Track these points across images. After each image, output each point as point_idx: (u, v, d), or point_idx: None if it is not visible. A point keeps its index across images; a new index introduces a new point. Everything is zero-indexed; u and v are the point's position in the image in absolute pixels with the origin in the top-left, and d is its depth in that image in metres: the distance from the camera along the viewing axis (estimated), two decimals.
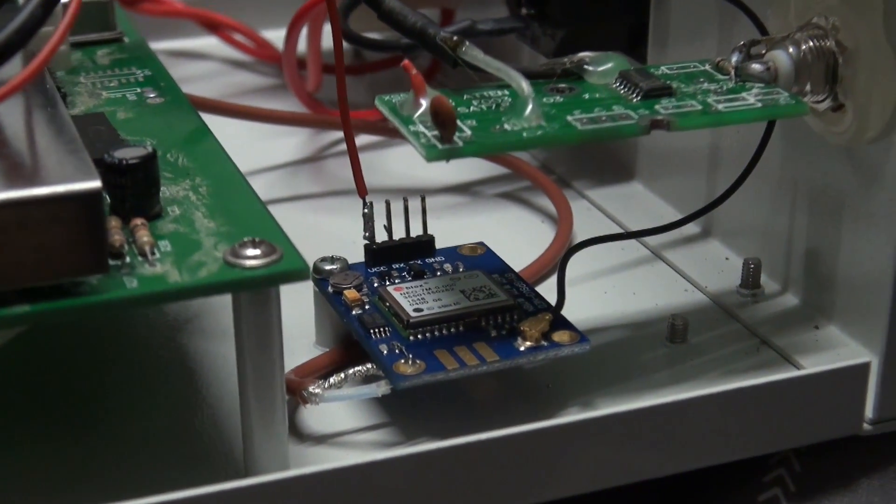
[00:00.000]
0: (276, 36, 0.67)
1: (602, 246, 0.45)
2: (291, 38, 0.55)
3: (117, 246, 0.35)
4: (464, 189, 0.54)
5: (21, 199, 0.32)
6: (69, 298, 0.33)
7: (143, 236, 0.35)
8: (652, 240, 0.49)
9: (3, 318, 0.32)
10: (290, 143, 0.58)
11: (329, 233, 0.50)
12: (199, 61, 0.67)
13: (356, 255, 0.44)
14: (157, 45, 0.49)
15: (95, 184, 0.32)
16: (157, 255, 0.35)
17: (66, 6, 0.34)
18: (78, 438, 0.39)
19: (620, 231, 0.50)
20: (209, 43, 0.68)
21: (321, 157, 0.58)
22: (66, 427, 0.40)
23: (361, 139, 0.57)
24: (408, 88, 0.61)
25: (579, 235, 0.50)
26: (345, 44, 0.61)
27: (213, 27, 0.67)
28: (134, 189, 0.37)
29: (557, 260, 0.47)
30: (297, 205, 0.53)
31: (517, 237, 0.50)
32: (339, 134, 0.59)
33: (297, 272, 0.35)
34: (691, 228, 0.49)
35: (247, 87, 0.65)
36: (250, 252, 0.35)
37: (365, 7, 0.55)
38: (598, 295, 0.46)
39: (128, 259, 0.35)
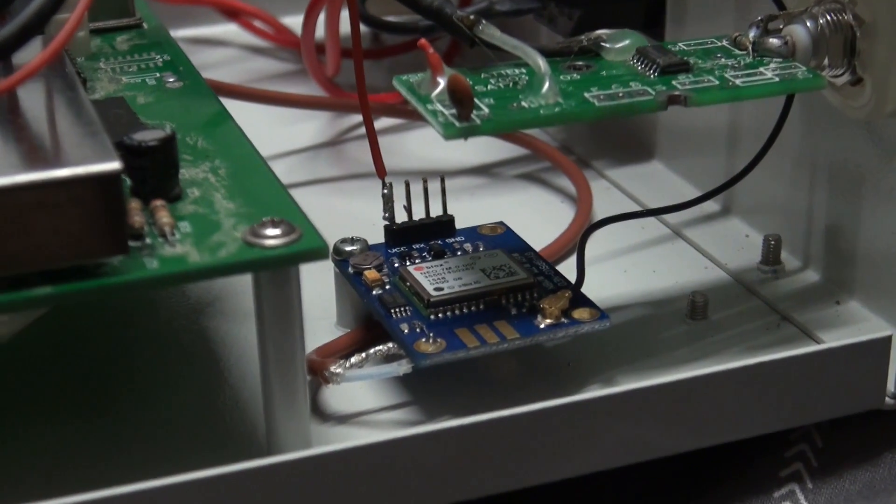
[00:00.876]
0: (295, 22, 0.67)
1: (621, 224, 0.45)
2: (309, 22, 0.55)
3: (137, 227, 0.35)
4: (483, 170, 0.55)
5: (42, 181, 0.32)
6: (90, 279, 0.33)
7: (163, 217, 0.36)
8: (672, 218, 0.49)
9: (25, 300, 0.33)
10: (310, 127, 0.58)
11: (349, 215, 0.50)
12: (219, 48, 0.68)
13: (376, 237, 0.44)
14: (177, 33, 0.49)
15: (115, 165, 0.33)
16: (177, 236, 0.35)
17: None
18: (101, 420, 0.40)
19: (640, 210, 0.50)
20: (229, 29, 0.68)
21: (341, 140, 0.58)
22: (88, 409, 0.40)
23: (381, 122, 0.57)
24: (419, 71, 0.61)
25: (599, 215, 0.50)
26: (363, 27, 0.61)
27: (232, 14, 0.67)
28: (154, 171, 0.37)
29: (576, 239, 0.48)
30: (317, 188, 0.54)
31: (536, 217, 0.50)
32: (359, 117, 0.59)
33: (316, 251, 0.35)
34: (711, 206, 0.49)
35: (266, 72, 0.65)
36: (270, 231, 0.35)
37: None
38: (617, 273, 0.46)
39: (148, 240, 0.35)
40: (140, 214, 0.35)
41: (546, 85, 0.38)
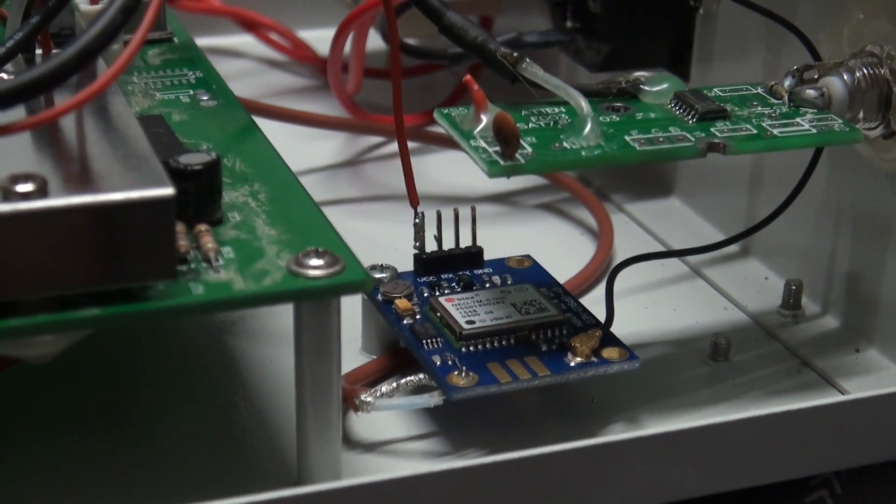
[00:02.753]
0: (312, 36, 0.67)
1: (642, 262, 0.45)
2: (339, 41, 0.55)
3: (183, 252, 0.35)
4: (502, 198, 0.55)
5: (96, 205, 0.32)
6: (137, 303, 0.33)
7: (208, 242, 0.36)
8: (692, 257, 0.49)
9: (73, 321, 0.33)
10: (329, 146, 0.59)
11: (368, 238, 0.50)
12: (235, 59, 0.68)
13: (398, 261, 0.44)
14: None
15: (169, 191, 0.33)
16: (221, 262, 0.35)
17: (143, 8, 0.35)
18: (126, 442, 0.40)
19: (659, 247, 0.51)
20: (245, 41, 0.68)
21: (359, 161, 0.58)
22: (114, 430, 0.40)
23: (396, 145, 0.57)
24: (438, 95, 0.61)
25: (619, 250, 0.50)
26: (383, 46, 0.62)
27: (249, 26, 0.67)
28: (198, 195, 0.37)
29: (598, 274, 0.48)
30: (336, 209, 0.54)
31: (557, 249, 0.50)
32: (377, 138, 0.59)
33: (359, 283, 0.35)
34: (731, 247, 0.50)
35: (282, 86, 0.65)
36: (314, 262, 0.35)
37: (407, 13, 0.55)
38: (638, 311, 0.47)
39: (192, 265, 0.35)
40: (185, 238, 0.36)
41: (588, 126, 0.38)
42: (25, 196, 0.32)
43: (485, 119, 0.38)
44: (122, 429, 0.40)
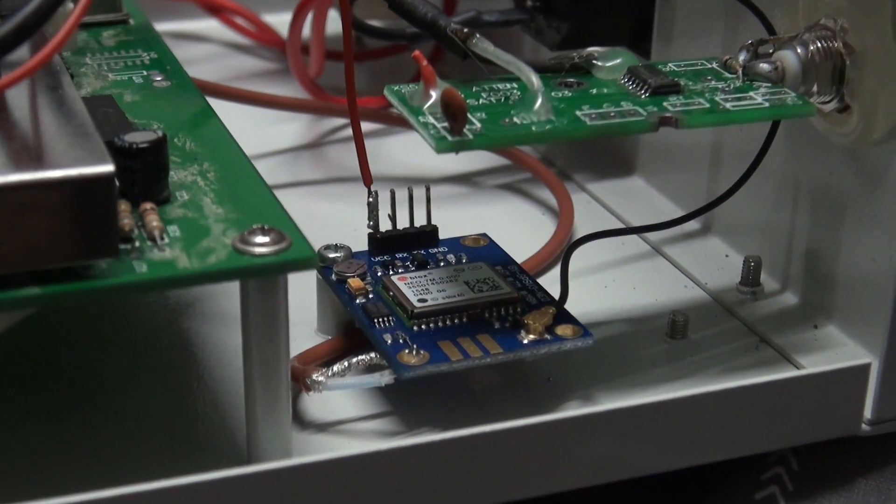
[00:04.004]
0: (276, 20, 0.67)
1: (602, 240, 0.45)
2: (297, 23, 0.55)
3: (127, 230, 0.35)
4: (464, 179, 0.55)
5: (34, 182, 0.32)
6: (79, 281, 0.33)
7: (153, 221, 0.35)
8: (652, 235, 0.49)
9: (12, 300, 0.33)
10: (291, 128, 0.58)
11: (329, 219, 0.50)
12: (200, 44, 0.67)
13: (356, 243, 0.44)
14: (158, 27, 0.49)
15: (109, 168, 0.33)
16: (167, 240, 0.35)
17: None
18: (78, 423, 0.39)
19: (621, 225, 0.50)
20: (210, 25, 0.68)
21: (322, 143, 0.58)
22: (66, 411, 0.40)
23: (364, 125, 0.57)
24: (407, 76, 0.61)
25: (579, 229, 0.50)
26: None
27: (214, 10, 0.67)
28: (143, 173, 0.37)
29: (558, 253, 0.48)
30: (297, 191, 0.54)
31: (518, 229, 0.50)
32: (340, 120, 0.59)
33: (305, 260, 0.35)
34: (691, 225, 0.49)
35: (247, 70, 0.65)
36: (259, 239, 0.35)
37: None
38: (598, 289, 0.47)
39: (137, 243, 0.35)
40: (129, 217, 0.35)
41: (539, 101, 0.38)
42: None
43: (434, 95, 0.38)
44: (75, 410, 0.40)
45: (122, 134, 0.37)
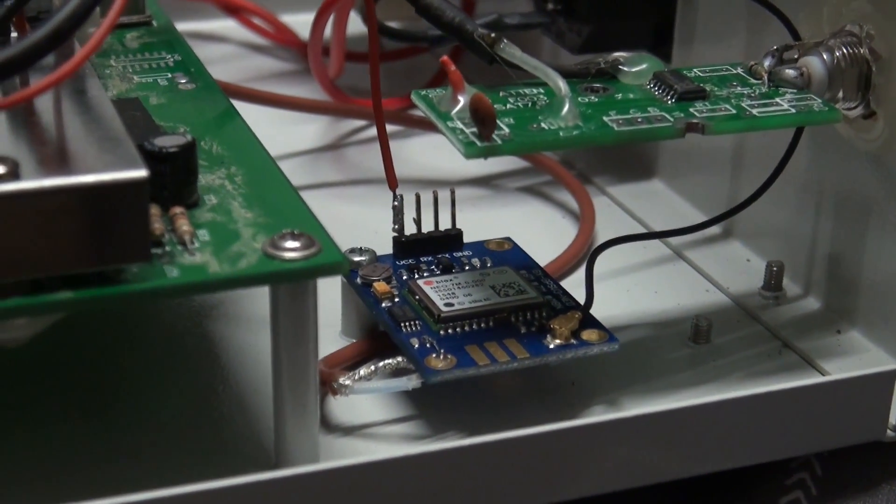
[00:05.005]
0: (294, 20, 0.67)
1: (624, 244, 0.45)
2: (319, 24, 0.55)
3: (157, 234, 0.35)
4: (484, 181, 0.55)
5: (68, 187, 0.32)
6: (111, 286, 0.33)
7: (183, 225, 0.36)
8: (674, 239, 0.49)
9: (45, 304, 0.33)
10: (310, 129, 0.58)
11: (350, 221, 0.50)
12: (218, 44, 0.67)
13: (378, 245, 0.44)
14: (176, 27, 0.49)
15: (142, 173, 0.33)
16: (197, 245, 0.35)
17: None
18: (104, 426, 0.39)
19: (642, 229, 0.51)
20: (228, 26, 0.68)
21: (341, 144, 0.58)
22: (91, 413, 0.40)
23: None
24: (424, 79, 0.61)
25: (601, 232, 0.50)
26: (365, 31, 0.61)
27: (232, 10, 0.67)
28: (173, 177, 0.37)
29: (580, 256, 0.48)
30: (317, 192, 0.54)
31: (539, 232, 0.50)
32: (359, 122, 0.59)
33: (335, 266, 0.35)
34: (713, 229, 0.49)
35: (265, 71, 0.65)
36: (289, 244, 0.35)
37: None
38: (620, 293, 0.47)
39: (167, 248, 0.35)
40: (160, 221, 0.35)
41: (566, 107, 0.38)
42: None
43: (462, 100, 0.38)
44: (101, 414, 0.40)
45: (150, 137, 0.37)
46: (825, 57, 0.41)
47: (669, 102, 0.39)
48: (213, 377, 0.42)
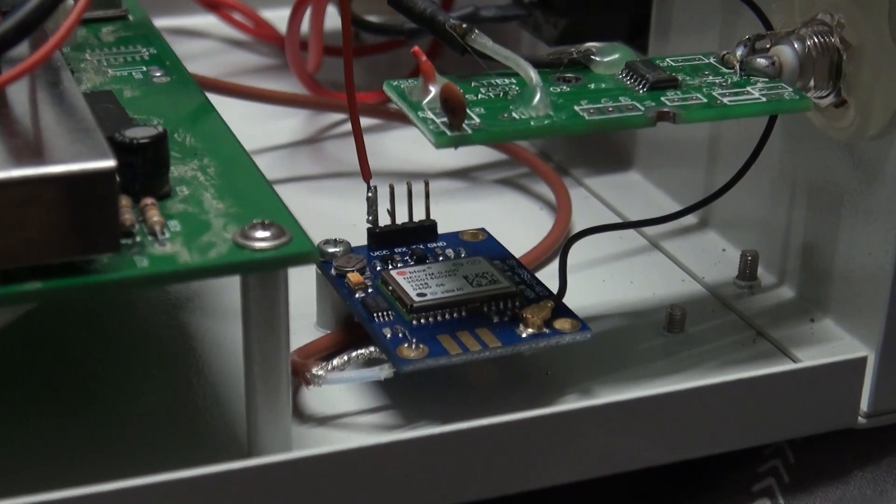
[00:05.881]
0: (274, 16, 0.67)
1: (600, 234, 0.45)
2: (296, 19, 0.55)
3: (128, 225, 0.35)
4: (462, 174, 0.55)
5: (36, 177, 0.32)
6: (80, 276, 0.33)
7: (154, 216, 0.36)
8: (649, 229, 0.49)
9: (14, 295, 0.33)
10: (289, 124, 0.59)
11: (328, 214, 0.50)
12: (198, 40, 0.67)
13: (355, 238, 0.44)
14: (156, 23, 0.49)
15: (110, 163, 0.33)
16: (167, 235, 0.35)
17: None
18: (78, 416, 0.40)
19: (618, 220, 0.51)
20: (208, 21, 0.68)
21: (320, 138, 0.58)
22: (65, 404, 0.40)
23: (363, 121, 0.57)
24: (405, 72, 0.61)
25: (577, 224, 0.50)
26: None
27: (212, 6, 0.67)
28: (144, 168, 0.37)
29: (556, 247, 0.48)
30: (296, 186, 0.54)
31: (516, 223, 0.50)
32: (338, 116, 0.59)
33: (306, 255, 0.35)
34: (688, 219, 0.50)
35: (245, 66, 0.65)
36: (260, 234, 0.35)
37: None
38: (595, 283, 0.47)
39: (138, 238, 0.35)
40: (130, 212, 0.35)
41: (537, 97, 0.38)
42: None
43: (433, 90, 0.38)
44: (75, 405, 0.40)
45: (122, 129, 0.37)
46: (796, 46, 0.41)
47: (641, 92, 0.40)
48: (188, 369, 0.42)
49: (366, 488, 0.36)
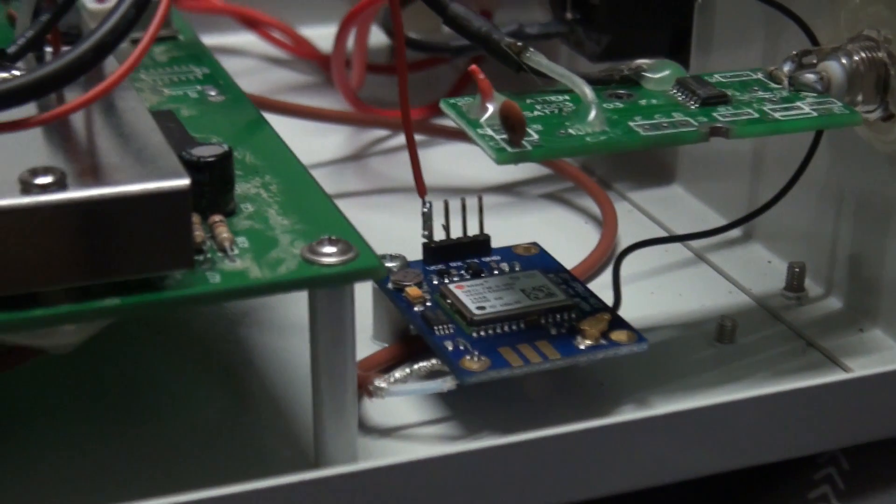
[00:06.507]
0: (313, 33, 0.68)
1: (645, 248, 0.46)
2: (342, 37, 0.56)
3: (198, 242, 0.36)
4: (507, 189, 0.56)
5: (113, 196, 0.33)
6: (156, 292, 0.34)
7: (223, 232, 0.36)
8: (695, 242, 0.50)
9: (94, 311, 0.34)
10: (333, 140, 0.59)
11: (377, 230, 0.50)
12: (237, 57, 0.68)
13: (404, 252, 0.45)
14: None
15: (185, 182, 0.34)
16: (237, 251, 0.36)
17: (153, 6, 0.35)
18: (145, 431, 0.40)
19: (663, 233, 0.51)
20: (247, 40, 0.69)
21: (364, 154, 0.59)
22: (131, 419, 0.41)
23: (401, 138, 0.58)
24: (443, 89, 0.62)
25: (623, 237, 0.51)
26: (385, 40, 0.63)
27: (251, 24, 0.68)
28: (211, 186, 0.38)
29: (604, 260, 0.49)
30: (343, 202, 0.53)
31: (562, 237, 0.51)
32: (381, 132, 0.60)
33: (373, 270, 0.36)
34: (733, 233, 0.50)
35: (284, 83, 0.66)
36: (327, 249, 0.36)
37: (409, 7, 0.56)
38: (643, 296, 0.48)
39: (208, 255, 0.36)
40: (200, 229, 0.36)
41: (593, 113, 0.39)
42: (45, 188, 0.33)
43: (491, 108, 0.39)
44: (141, 421, 0.41)
45: (187, 148, 0.38)
46: (844, 61, 0.42)
47: (693, 107, 0.40)
48: (250, 383, 0.43)
49: (431, 499, 0.37)
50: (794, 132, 0.41)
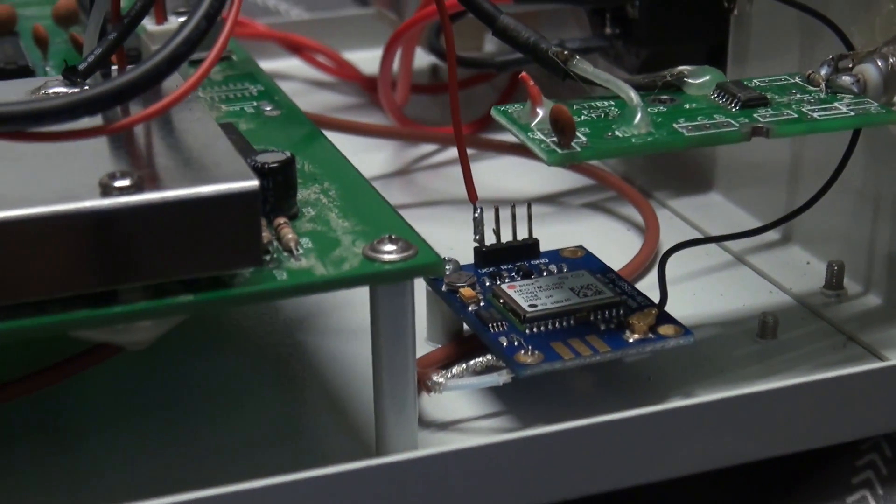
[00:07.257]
0: (355, 57, 0.70)
1: (686, 251, 0.47)
2: (388, 56, 0.57)
3: (265, 242, 0.37)
4: (550, 199, 0.57)
5: (188, 198, 0.35)
6: (228, 289, 0.36)
7: (289, 233, 0.38)
8: (734, 245, 0.52)
9: (168, 307, 0.35)
10: (380, 156, 0.61)
11: (425, 238, 0.52)
12: (283, 81, 0.70)
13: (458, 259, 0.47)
14: None
15: (255, 183, 0.35)
16: (301, 251, 0.38)
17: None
18: (208, 427, 0.42)
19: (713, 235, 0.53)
20: (292, 64, 0.71)
21: (410, 170, 0.61)
22: (197, 416, 0.43)
23: (450, 152, 0.60)
24: (479, 105, 0.64)
25: (665, 242, 0.52)
26: (431, 59, 0.64)
27: (295, 49, 0.70)
28: (275, 190, 0.39)
29: (646, 264, 0.50)
30: None
31: (606, 244, 0.52)
32: (426, 148, 0.62)
33: (433, 266, 0.37)
34: (771, 235, 0.52)
35: (330, 105, 0.68)
36: (388, 248, 0.38)
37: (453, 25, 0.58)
38: (686, 296, 0.49)
39: (274, 255, 0.38)
40: (266, 230, 0.38)
41: (638, 116, 0.41)
42: (124, 191, 0.34)
43: (541, 112, 0.41)
44: (203, 415, 0.43)
45: (251, 156, 0.40)
46: (880, 64, 0.43)
47: (734, 110, 0.42)
48: (311, 384, 0.44)
49: (487, 484, 0.38)
50: (833, 131, 0.42)
